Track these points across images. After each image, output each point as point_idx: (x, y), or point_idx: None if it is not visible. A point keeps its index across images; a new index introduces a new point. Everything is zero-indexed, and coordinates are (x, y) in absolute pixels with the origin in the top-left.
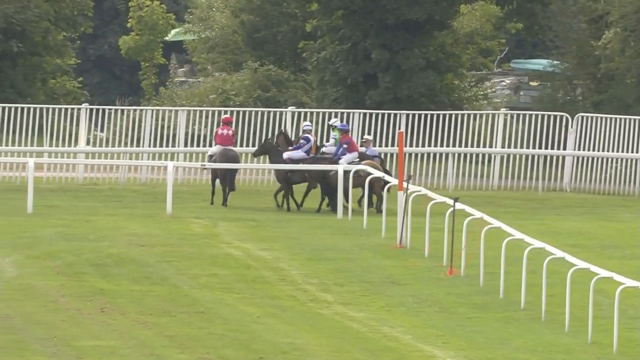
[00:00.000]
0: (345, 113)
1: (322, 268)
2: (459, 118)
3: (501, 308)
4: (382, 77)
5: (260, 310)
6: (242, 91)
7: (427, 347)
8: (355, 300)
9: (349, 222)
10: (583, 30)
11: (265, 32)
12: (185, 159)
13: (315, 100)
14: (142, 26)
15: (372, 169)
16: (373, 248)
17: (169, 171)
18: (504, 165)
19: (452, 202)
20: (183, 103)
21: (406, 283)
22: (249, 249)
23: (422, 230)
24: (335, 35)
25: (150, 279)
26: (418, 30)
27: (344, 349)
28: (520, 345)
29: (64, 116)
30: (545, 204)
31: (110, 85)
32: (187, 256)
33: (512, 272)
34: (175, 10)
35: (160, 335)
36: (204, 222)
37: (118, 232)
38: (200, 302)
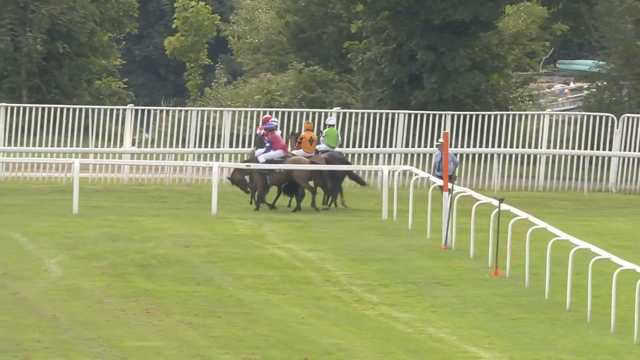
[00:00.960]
0: (390, 114)
1: (367, 269)
2: (504, 119)
3: (546, 309)
4: (427, 78)
5: (305, 311)
6: (287, 92)
7: (472, 348)
8: (400, 301)
9: (394, 223)
10: (629, 31)
11: (311, 32)
12: (230, 160)
13: (360, 101)
14: (188, 27)
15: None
16: (418, 249)
17: (214, 172)
18: (550, 166)
19: (497, 203)
20: (228, 104)
21: (451, 284)
22: (294, 249)
23: (467, 231)
24: (380, 36)
25: (196, 280)
26: (463, 31)
27: (388, 350)
28: (566, 346)
29: (109, 117)
30: (591, 204)
31: (156, 86)
32: (232, 257)
33: (557, 273)
34: (221, 11)
35: (205, 336)
36: (249, 222)
37: (163, 233)
38: (245, 302)
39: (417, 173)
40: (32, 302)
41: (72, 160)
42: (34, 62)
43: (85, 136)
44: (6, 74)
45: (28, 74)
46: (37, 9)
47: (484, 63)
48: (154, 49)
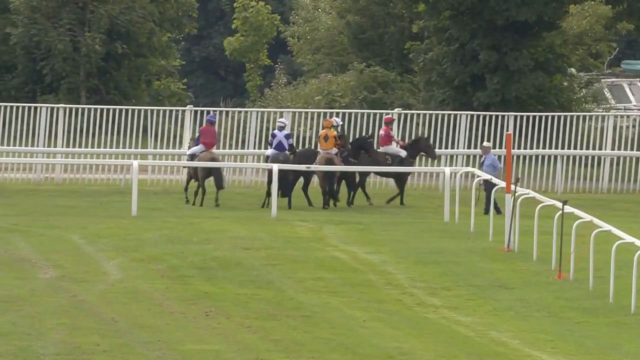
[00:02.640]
0: (452, 115)
1: (429, 272)
2: (567, 120)
3: (611, 313)
4: (490, 79)
5: (366, 314)
6: (347, 92)
7: (536, 352)
8: (463, 304)
9: (455, 225)
10: None
11: (371, 33)
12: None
13: (421, 102)
14: (247, 27)
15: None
16: (480, 251)
17: (274, 173)
18: (614, 168)
19: (560, 205)
20: (288, 104)
21: (514, 287)
22: (355, 252)
23: (530, 234)
24: (442, 36)
25: (255, 283)
26: (527, 31)
27: (451, 353)
28: (631, 350)
29: (168, 118)
30: None
31: (215, 87)
32: (293, 259)
33: (622, 276)
34: (281, 11)
35: (266, 339)
36: (309, 225)
37: (222, 235)
38: (305, 305)
39: (480, 175)
40: (90, 304)
41: (130, 161)
42: (93, 63)
43: (144, 137)
44: (65, 74)
45: (87, 75)
46: (95, 9)
47: (547, 63)
48: (213, 49)
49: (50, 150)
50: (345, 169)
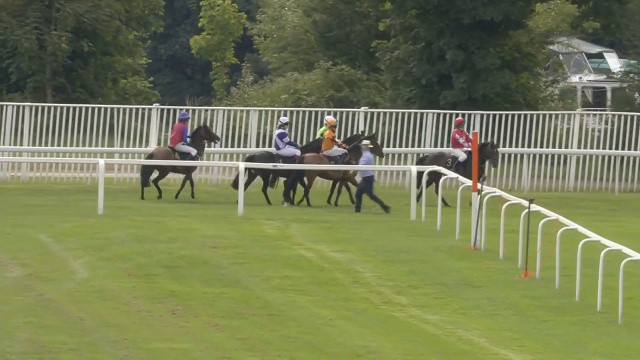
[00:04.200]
0: (418, 113)
1: (396, 270)
2: (534, 118)
3: (578, 311)
4: (456, 77)
5: (333, 313)
6: (314, 91)
7: (503, 351)
8: (430, 302)
9: (422, 224)
10: None
11: (338, 31)
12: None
13: (388, 100)
14: (214, 25)
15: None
16: (447, 250)
17: (241, 172)
18: (580, 166)
19: (527, 204)
20: (254, 103)
21: (481, 285)
22: (322, 250)
23: (496, 232)
24: (409, 35)
25: (223, 281)
26: (493, 30)
27: (418, 352)
28: (598, 348)
29: (134, 116)
30: (623, 205)
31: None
32: (260, 258)
33: (588, 275)
34: (247, 10)
35: (233, 337)
36: (276, 223)
37: (190, 234)
38: (272, 304)
39: (446, 173)
40: (57, 303)
41: (97, 160)
42: (59, 61)
43: (111, 136)
44: (31, 73)
45: (53, 73)
46: (62, 7)
47: (514, 62)
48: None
49: (16, 149)
50: (298, 167)
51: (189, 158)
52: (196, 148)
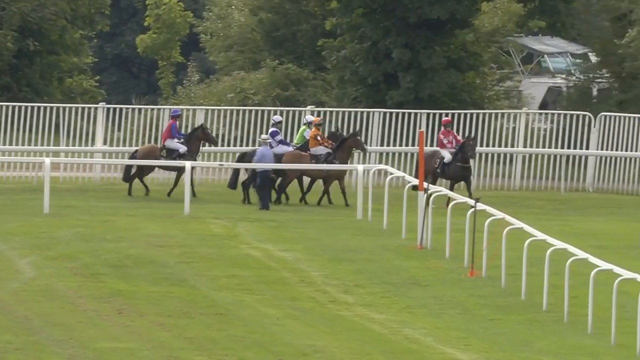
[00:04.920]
0: (365, 112)
1: (343, 269)
2: (480, 117)
3: (523, 310)
4: (403, 77)
5: (280, 312)
6: (260, 90)
7: (449, 350)
8: (376, 301)
9: (369, 223)
10: (606, 28)
11: (285, 30)
12: (203, 159)
13: (334, 100)
14: (160, 24)
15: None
16: (394, 249)
17: (187, 171)
18: (526, 165)
19: (473, 203)
20: (201, 102)
21: (428, 284)
22: (269, 249)
23: (443, 231)
24: (355, 34)
25: (169, 280)
26: (440, 29)
27: (364, 351)
28: (543, 347)
29: (80, 115)
30: (569, 204)
31: (128, 84)
32: (206, 257)
33: (534, 274)
34: (193, 8)
35: (179, 337)
36: (223, 222)
37: (136, 233)
38: (219, 303)
39: (392, 172)
40: (3, 303)
41: (42, 159)
42: (5, 60)
43: (57, 135)
44: None
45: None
46: (7, 6)
47: (460, 61)
48: (126, 46)
49: None
50: (250, 167)
51: (177, 155)
52: (190, 147)
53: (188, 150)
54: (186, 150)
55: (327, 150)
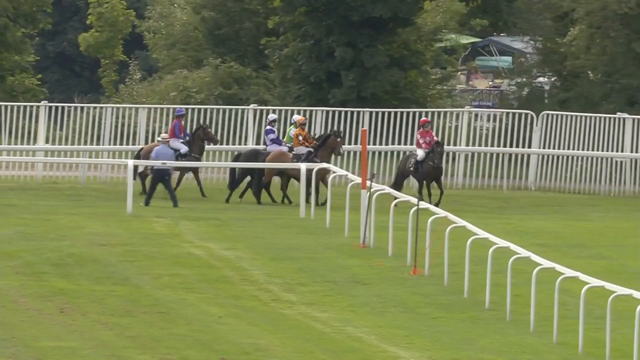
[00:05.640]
0: (307, 111)
1: (286, 268)
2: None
3: (466, 308)
4: (345, 75)
5: (222, 311)
6: (203, 88)
7: (392, 348)
8: (319, 300)
9: (312, 221)
10: (548, 27)
11: (227, 28)
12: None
13: (277, 98)
14: (102, 23)
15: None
16: (337, 247)
17: (129, 169)
18: (469, 164)
19: (416, 201)
20: (143, 100)
21: (370, 283)
22: (211, 248)
23: (385, 230)
24: (297, 32)
25: (112, 279)
26: (382, 28)
27: (307, 349)
28: (486, 345)
29: (22, 114)
30: (511, 202)
31: (70, 83)
32: (149, 256)
33: (477, 272)
34: (136, 7)
35: (122, 336)
36: (166, 221)
37: (79, 232)
38: (162, 302)
39: (335, 170)
40: None
41: None
42: None
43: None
44: None
45: None
46: None
47: (403, 60)
48: (68, 44)
49: None
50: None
51: (178, 155)
52: (194, 148)
53: (191, 150)
54: (187, 151)
55: (308, 149)
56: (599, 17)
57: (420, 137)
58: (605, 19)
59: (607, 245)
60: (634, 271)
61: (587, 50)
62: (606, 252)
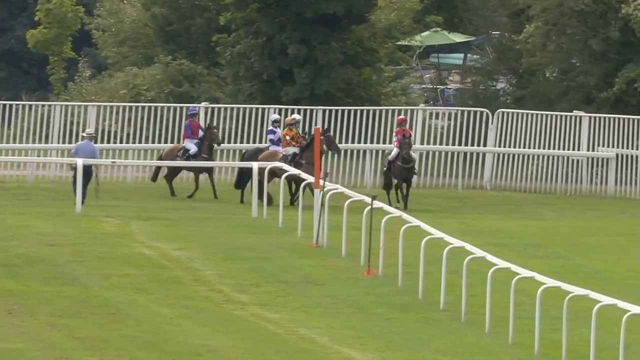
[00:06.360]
0: (260, 109)
1: (238, 268)
2: (377, 114)
3: (421, 309)
4: (298, 73)
5: (173, 312)
6: (153, 86)
7: (345, 349)
8: (271, 301)
9: (264, 221)
10: (504, 24)
11: (178, 25)
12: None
13: (229, 96)
14: (51, 19)
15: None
16: (289, 247)
17: (79, 168)
18: (423, 163)
19: (369, 200)
20: (93, 98)
21: (323, 283)
22: (162, 248)
23: (339, 229)
24: (249, 29)
25: (60, 280)
26: (336, 24)
27: (259, 351)
28: (441, 346)
29: None
30: (466, 202)
31: (18, 80)
32: (99, 256)
33: (431, 272)
34: (85, 3)
35: (70, 337)
36: (116, 220)
37: (27, 231)
38: (111, 303)
39: (288, 169)
40: None
41: None
42: None
43: None
44: None
45: None
46: None
47: (357, 57)
48: (16, 41)
49: None
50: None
51: (187, 155)
52: (203, 148)
53: (200, 150)
54: (196, 151)
55: (294, 149)
56: (555, 14)
57: (396, 136)
58: (562, 16)
59: (563, 245)
60: (590, 271)
61: (543, 48)
62: (562, 251)
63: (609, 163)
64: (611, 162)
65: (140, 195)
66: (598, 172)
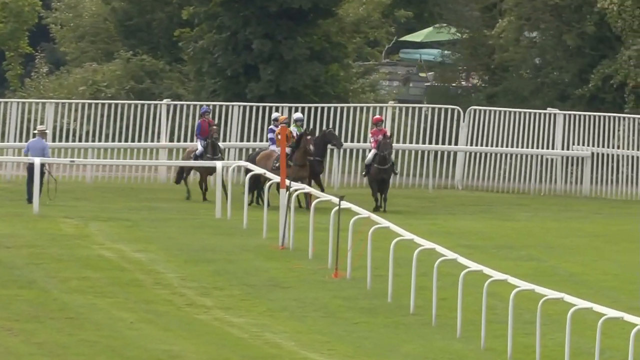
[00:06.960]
0: (224, 106)
1: (201, 270)
2: (344, 111)
3: (390, 312)
4: (263, 69)
5: (134, 316)
6: (114, 83)
7: (312, 354)
8: (236, 304)
9: (228, 222)
10: (476, 19)
11: (139, 19)
12: (53, 155)
13: (192, 93)
14: (7, 13)
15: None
16: (254, 249)
17: (36, 167)
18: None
19: (337, 201)
20: (51, 95)
21: (289, 286)
22: (122, 250)
23: (305, 230)
24: (213, 24)
25: (17, 283)
26: (302, 19)
27: (223, 356)
28: (410, 351)
29: None
30: (437, 202)
31: None
32: (57, 258)
33: (401, 275)
34: None
35: (28, 342)
36: (75, 221)
37: None
38: (70, 306)
39: (253, 169)
40: None
41: None
42: None
43: None
44: None
45: None
46: None
47: (324, 53)
48: None
49: None
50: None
51: (195, 155)
52: (207, 148)
53: (206, 151)
54: (202, 152)
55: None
56: (528, 8)
57: (372, 137)
58: (535, 10)
59: (536, 246)
60: (564, 273)
61: (516, 43)
62: (536, 253)
63: (584, 162)
64: (586, 161)
65: (99, 196)
66: (573, 172)
